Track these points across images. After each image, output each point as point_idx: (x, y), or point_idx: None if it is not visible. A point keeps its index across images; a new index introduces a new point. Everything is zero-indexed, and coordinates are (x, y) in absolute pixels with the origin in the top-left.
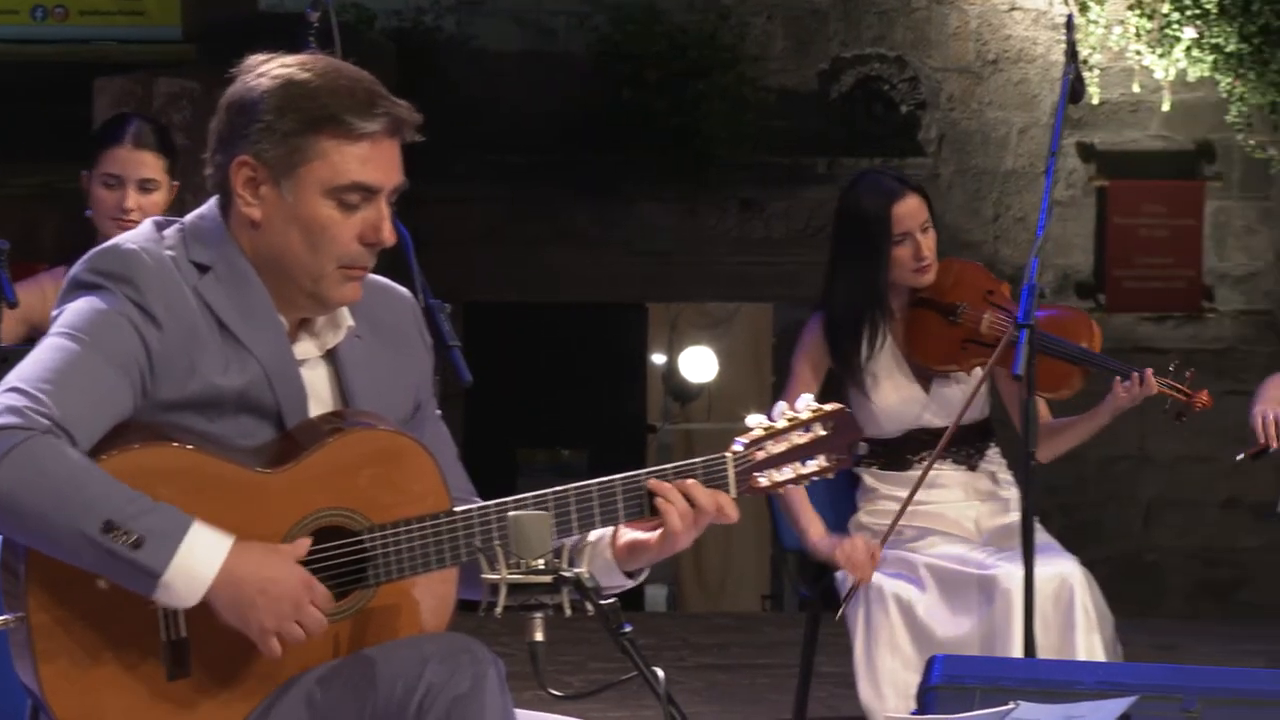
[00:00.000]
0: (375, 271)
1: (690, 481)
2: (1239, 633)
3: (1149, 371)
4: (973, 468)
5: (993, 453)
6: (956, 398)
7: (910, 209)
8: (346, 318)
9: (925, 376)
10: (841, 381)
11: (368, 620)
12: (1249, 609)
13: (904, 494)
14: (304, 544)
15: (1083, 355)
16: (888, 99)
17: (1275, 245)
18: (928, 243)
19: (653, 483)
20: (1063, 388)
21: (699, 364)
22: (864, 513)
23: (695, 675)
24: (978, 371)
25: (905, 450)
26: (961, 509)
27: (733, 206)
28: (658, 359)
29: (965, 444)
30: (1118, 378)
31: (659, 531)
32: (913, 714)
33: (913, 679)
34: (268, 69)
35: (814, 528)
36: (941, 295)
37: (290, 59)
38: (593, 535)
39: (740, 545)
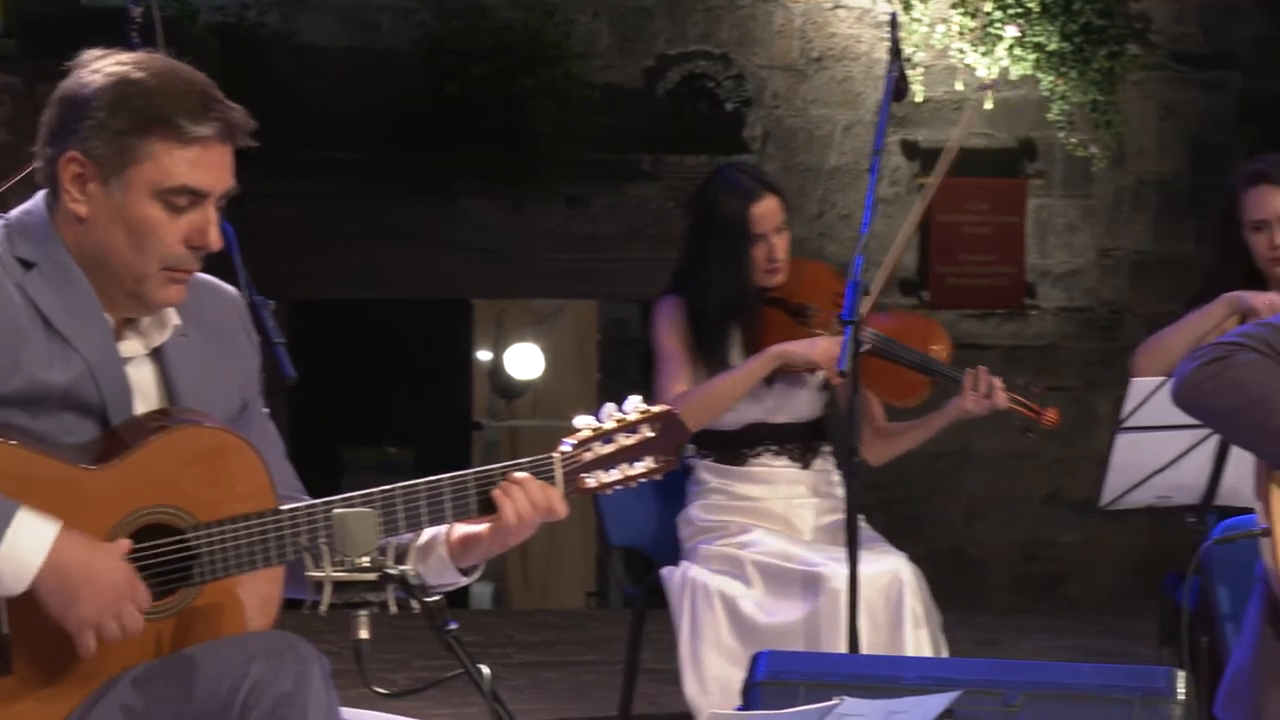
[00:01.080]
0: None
1: (526, 475)
2: (1060, 627)
3: (999, 384)
4: (806, 465)
5: (825, 451)
6: (799, 396)
7: (767, 210)
8: (173, 316)
9: (770, 373)
10: (693, 368)
11: (192, 619)
12: (1070, 604)
13: (737, 488)
14: (124, 543)
15: (930, 365)
16: (713, 96)
17: (1096, 243)
18: (781, 244)
19: (500, 487)
20: (910, 397)
21: (525, 361)
22: (696, 506)
23: (521, 672)
24: (820, 371)
25: (742, 444)
26: (791, 506)
27: (558, 203)
28: (483, 356)
29: (799, 441)
30: (967, 387)
31: (490, 528)
32: (737, 710)
33: (738, 675)
34: (102, 65)
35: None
36: (791, 295)
37: (127, 57)
38: (426, 534)
39: (566, 543)
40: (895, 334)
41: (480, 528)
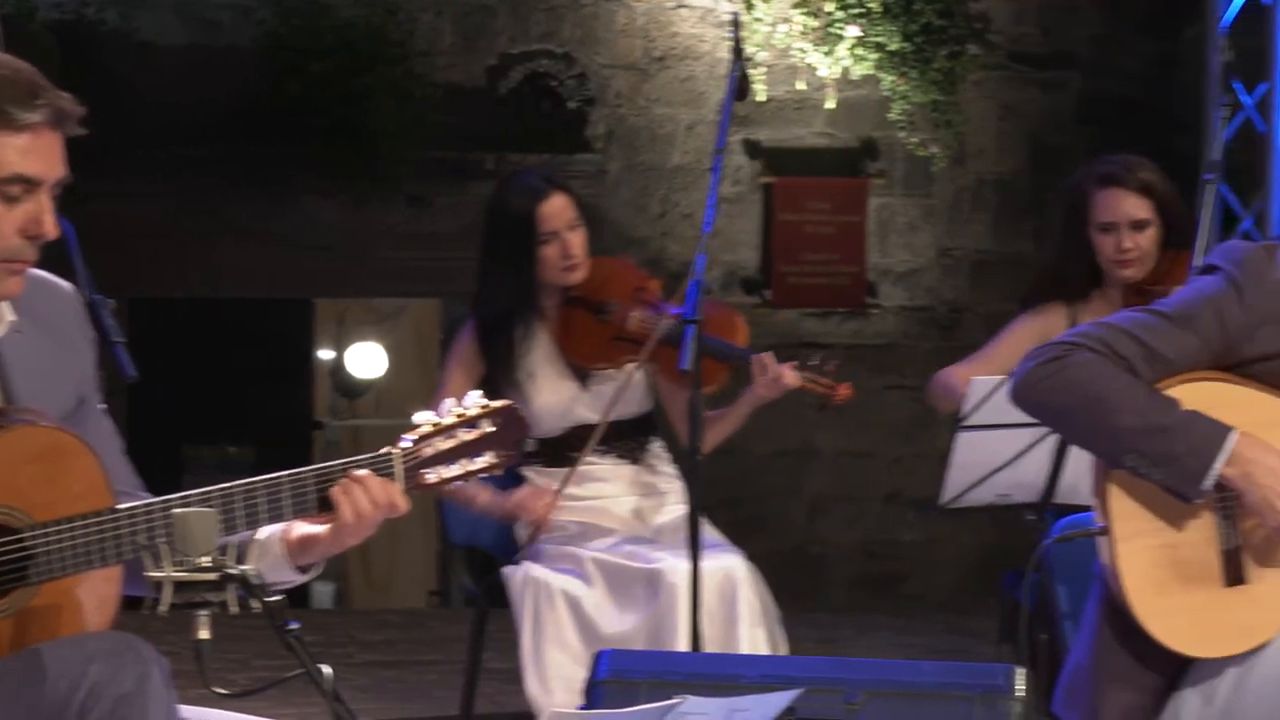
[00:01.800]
0: (38, 267)
1: (366, 473)
2: (900, 625)
3: (790, 365)
4: (635, 461)
5: (655, 447)
6: (617, 393)
7: (556, 208)
8: (8, 312)
9: (581, 374)
10: (496, 383)
11: (29, 619)
12: (910, 601)
13: (570, 489)
14: None
15: (725, 350)
16: (556, 95)
17: (937, 242)
18: (576, 241)
19: (339, 486)
20: (709, 383)
21: (366, 360)
22: None
23: (362, 672)
24: (630, 367)
25: (566, 447)
26: (624, 503)
27: (400, 202)
28: (325, 355)
29: (627, 438)
30: (756, 373)
31: (330, 526)
32: (579, 709)
33: (580, 674)
34: None
35: (482, 494)
36: (592, 293)
37: None
38: (263, 532)
39: (407, 542)
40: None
41: (319, 528)
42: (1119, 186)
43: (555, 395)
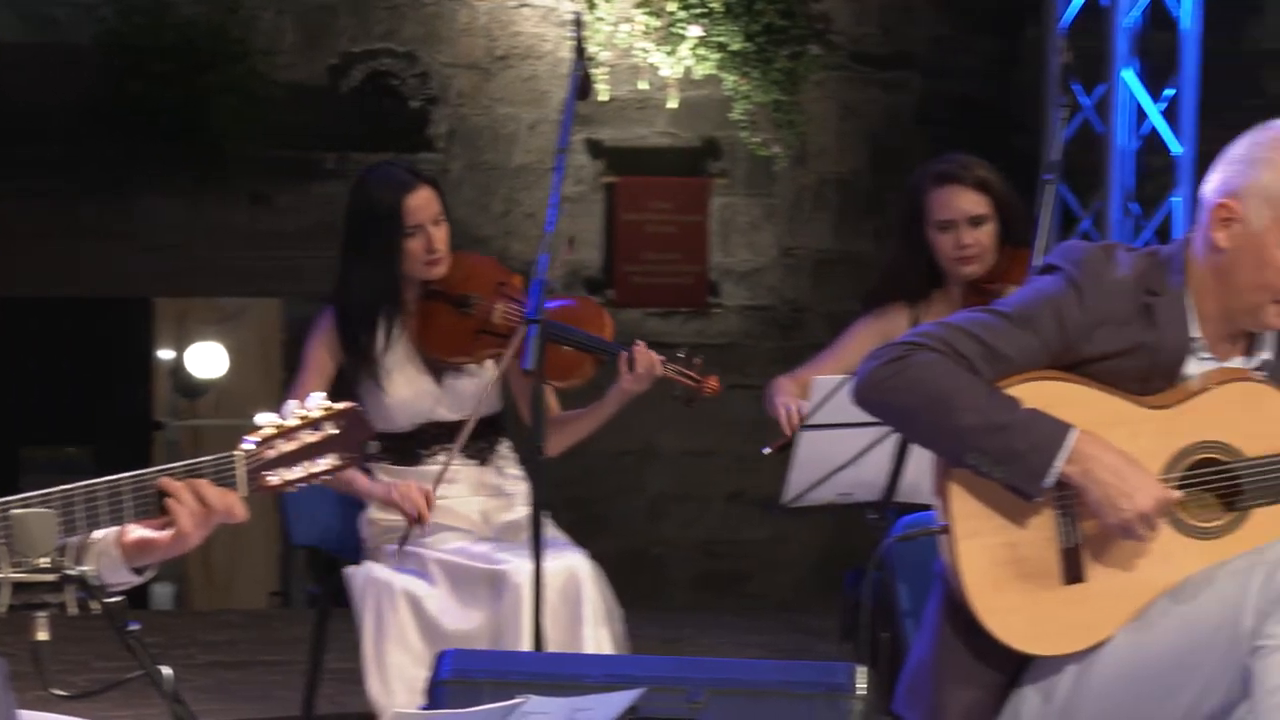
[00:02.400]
0: None
1: (201, 480)
2: (742, 624)
3: (656, 359)
4: (484, 462)
5: (503, 447)
6: (469, 391)
7: (422, 201)
8: None
9: (437, 370)
10: (354, 375)
11: None
12: (752, 600)
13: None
14: None
15: (592, 342)
16: (398, 94)
17: (779, 242)
18: (440, 235)
19: (163, 481)
20: (573, 376)
21: (207, 360)
22: (375, 508)
23: (203, 673)
24: (490, 364)
25: (416, 444)
26: (470, 503)
27: (242, 201)
28: (165, 355)
29: (477, 439)
30: (624, 367)
31: (168, 531)
32: (421, 709)
33: (422, 674)
34: None
35: (359, 479)
36: (453, 287)
37: None
38: (99, 533)
39: (249, 542)
40: (557, 317)
41: (156, 532)
42: (955, 183)
43: (410, 391)
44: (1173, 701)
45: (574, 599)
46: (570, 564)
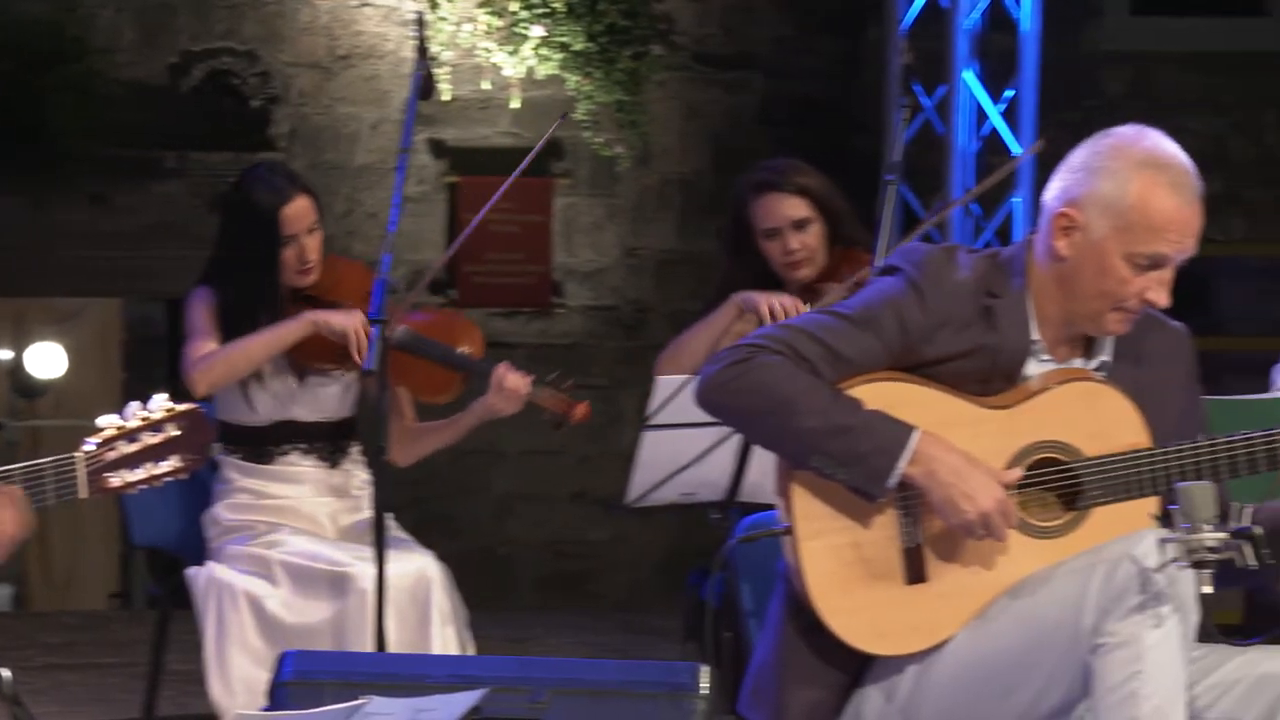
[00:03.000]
0: None
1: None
2: (587, 624)
3: (528, 380)
4: (334, 465)
5: (354, 451)
6: (330, 393)
7: (298, 211)
8: None
9: (301, 371)
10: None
11: None
12: (597, 600)
13: (264, 487)
14: None
15: (460, 360)
16: (239, 93)
17: (622, 242)
18: (313, 245)
19: None
20: (442, 394)
21: (46, 360)
22: (222, 506)
23: (42, 674)
24: (351, 371)
25: (269, 442)
26: (316, 505)
27: (81, 200)
28: (3, 355)
29: (327, 441)
30: (494, 385)
31: None
32: (263, 710)
33: (264, 676)
34: None
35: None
36: (324, 294)
37: None
38: None
39: (88, 542)
40: (427, 330)
41: None
42: (774, 191)
43: (273, 388)
44: (1013, 699)
45: (422, 600)
46: (418, 565)
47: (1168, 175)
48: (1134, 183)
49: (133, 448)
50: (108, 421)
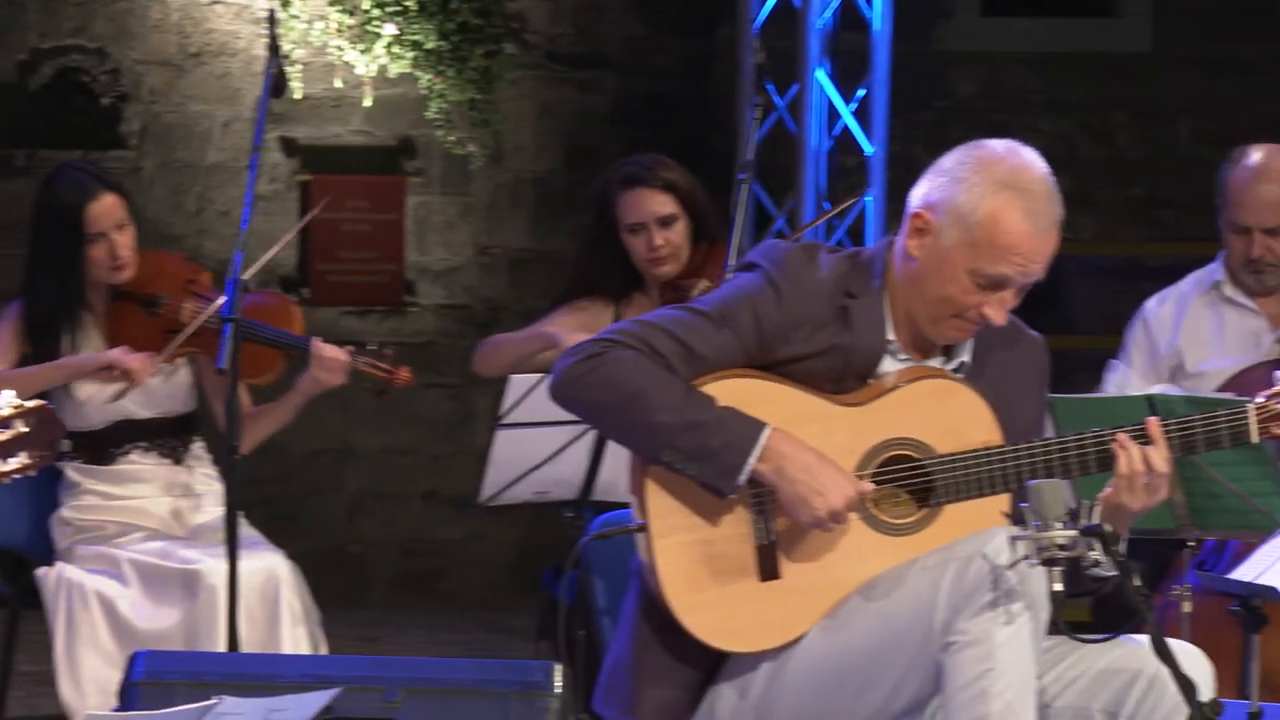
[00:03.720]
0: None
1: None
2: (440, 623)
3: (348, 349)
4: (177, 461)
5: (197, 446)
6: (161, 389)
7: (104, 209)
8: None
9: None
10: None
11: None
12: (449, 599)
13: (108, 488)
14: None
15: (281, 338)
16: (89, 91)
17: (475, 240)
18: (124, 241)
19: None
20: (266, 373)
21: None
22: (68, 508)
23: None
24: (180, 363)
25: (109, 443)
26: (162, 503)
27: None
28: None
29: (169, 437)
30: (314, 358)
31: None
32: (114, 711)
33: (115, 676)
34: None
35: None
36: (142, 287)
37: None
38: None
39: None
40: (245, 312)
41: None
42: (642, 186)
43: (100, 389)
44: (867, 697)
45: (272, 599)
46: (268, 564)
47: (1025, 200)
48: (989, 201)
49: None
50: None
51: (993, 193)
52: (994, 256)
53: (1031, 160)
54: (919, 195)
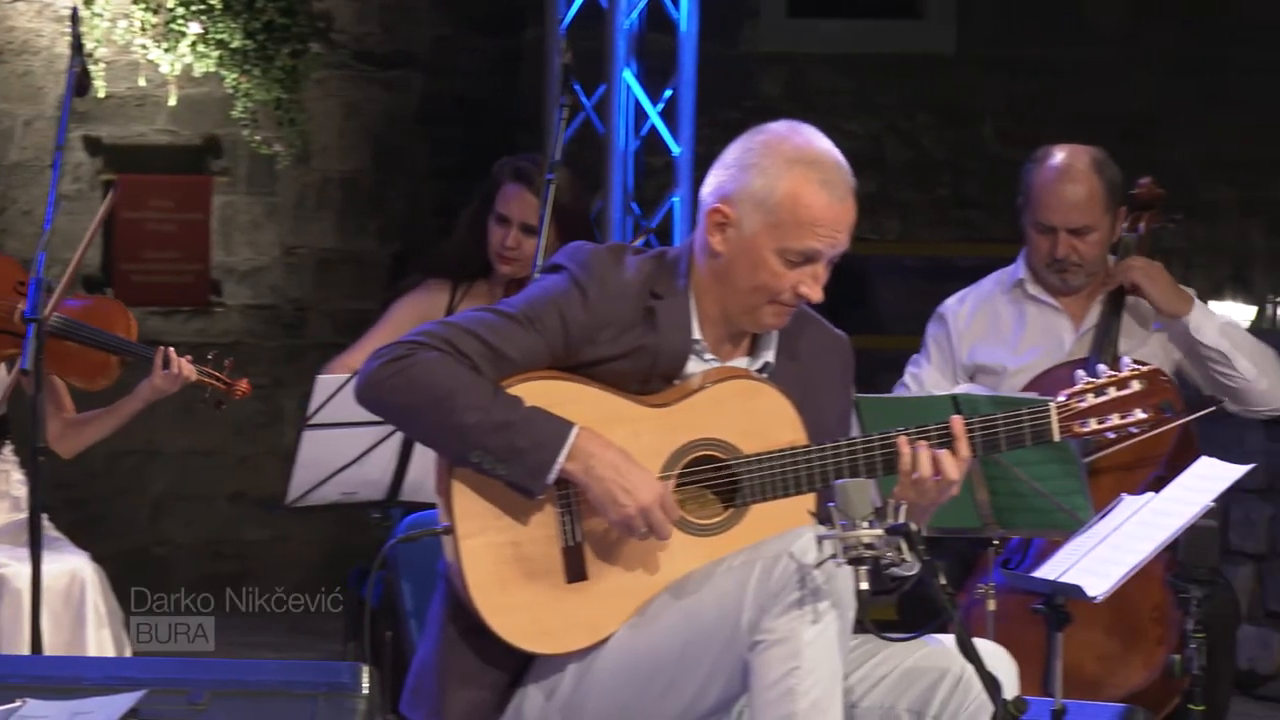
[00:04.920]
0: None
1: None
2: (246, 625)
3: (187, 359)
4: None
5: (6, 450)
6: None
7: None
8: None
9: None
10: None
11: None
12: (255, 601)
13: None
14: None
15: (118, 344)
16: None
17: (281, 240)
18: None
19: None
20: (100, 378)
21: None
22: None
23: None
24: (1, 367)
25: None
26: None
27: None
28: None
29: None
30: (157, 365)
31: None
32: None
33: None
34: None
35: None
36: None
37: None
38: None
39: None
40: (81, 317)
41: None
42: (522, 184)
43: None
44: (673, 696)
45: (76, 602)
46: (72, 566)
47: (818, 172)
48: (784, 179)
49: None
50: None
51: (786, 170)
52: (800, 232)
53: (814, 134)
54: (710, 190)
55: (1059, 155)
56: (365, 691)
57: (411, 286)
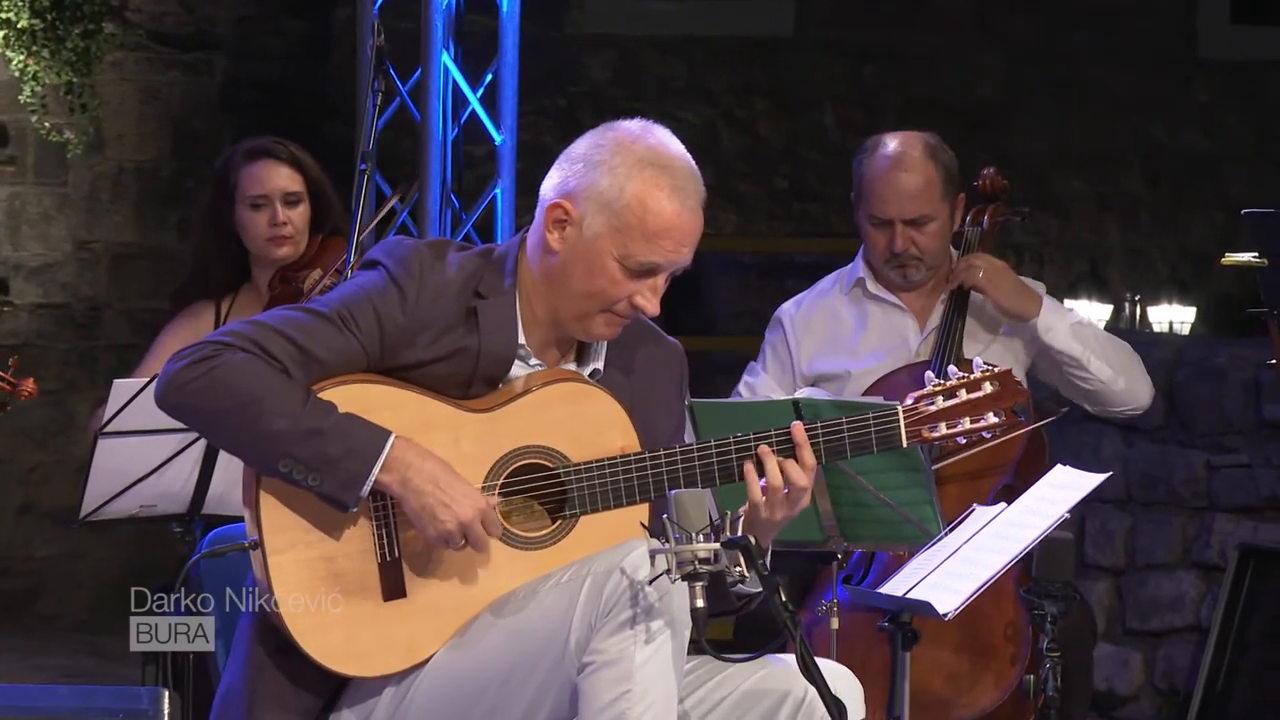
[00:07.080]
0: None
1: None
2: (34, 647)
3: None
4: None
5: None
6: None
7: None
8: None
9: None
10: None
11: None
12: (45, 621)
13: None
14: None
15: None
16: None
17: (74, 235)
18: None
19: None
20: None
21: None
22: None
23: None
24: None
25: None
26: None
27: None
28: None
29: None
30: None
31: None
32: None
33: None
34: None
35: None
36: None
37: None
38: None
39: None
40: None
41: None
42: (270, 158)
43: None
44: None
45: None
46: None
47: (670, 177)
48: (633, 182)
49: None
50: None
51: (637, 172)
52: (644, 241)
53: (667, 137)
54: (553, 185)
55: (891, 144)
56: (166, 718)
57: (173, 314)
